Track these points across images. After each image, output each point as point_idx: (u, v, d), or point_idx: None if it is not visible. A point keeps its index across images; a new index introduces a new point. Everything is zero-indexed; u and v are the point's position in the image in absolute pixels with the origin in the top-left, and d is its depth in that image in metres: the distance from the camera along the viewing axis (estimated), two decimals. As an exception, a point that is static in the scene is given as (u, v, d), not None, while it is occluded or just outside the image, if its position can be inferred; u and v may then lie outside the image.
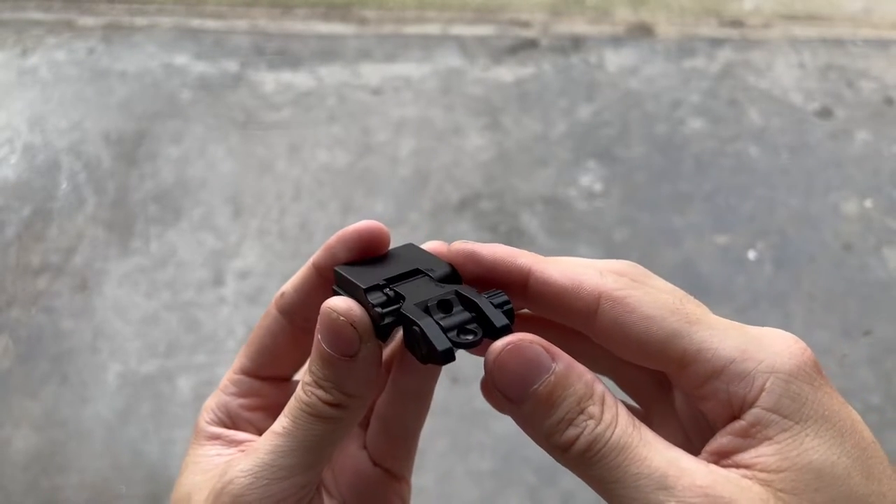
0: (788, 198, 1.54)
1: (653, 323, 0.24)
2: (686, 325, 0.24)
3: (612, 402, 0.24)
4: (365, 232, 0.29)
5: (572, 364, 0.24)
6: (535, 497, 1.16)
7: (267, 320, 0.32)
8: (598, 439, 0.23)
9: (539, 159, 1.63)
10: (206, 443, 0.31)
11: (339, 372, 0.26)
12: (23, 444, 1.25)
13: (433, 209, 1.54)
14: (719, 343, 0.23)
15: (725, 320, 0.25)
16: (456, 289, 0.26)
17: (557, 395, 0.23)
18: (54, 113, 1.76)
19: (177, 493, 0.30)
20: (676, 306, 0.24)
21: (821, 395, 0.23)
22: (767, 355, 0.23)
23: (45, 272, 1.47)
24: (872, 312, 1.37)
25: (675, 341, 0.24)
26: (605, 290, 0.25)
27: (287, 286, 0.31)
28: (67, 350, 1.35)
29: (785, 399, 0.22)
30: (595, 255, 1.45)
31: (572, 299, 0.25)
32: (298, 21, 1.98)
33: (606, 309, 0.25)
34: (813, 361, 0.23)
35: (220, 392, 0.32)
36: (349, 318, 0.26)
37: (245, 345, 0.32)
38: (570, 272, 0.26)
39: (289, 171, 1.62)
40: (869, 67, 1.80)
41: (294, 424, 0.27)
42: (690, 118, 1.70)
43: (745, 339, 0.23)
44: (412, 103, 1.75)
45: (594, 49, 1.87)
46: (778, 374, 0.23)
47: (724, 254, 1.45)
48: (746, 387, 0.23)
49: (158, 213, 1.56)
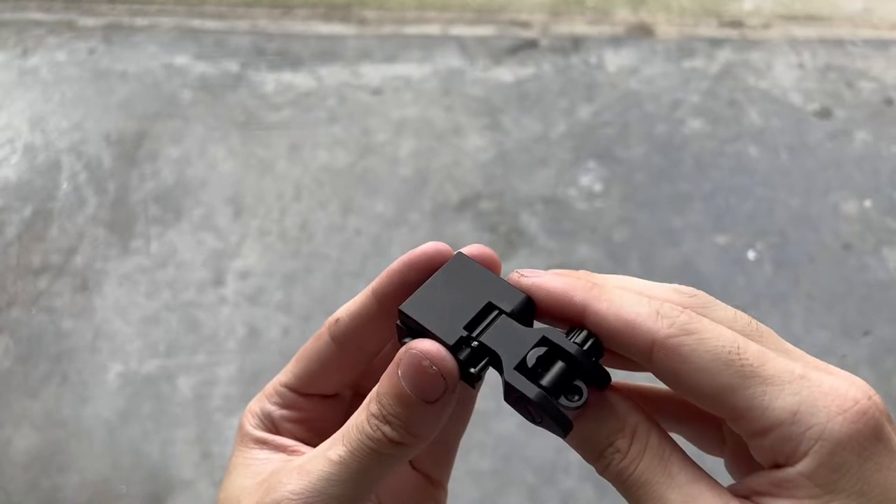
0: (788, 198, 1.54)
1: (705, 376, 0.23)
2: (739, 380, 0.23)
3: (644, 433, 0.25)
4: (434, 254, 0.29)
5: (605, 402, 0.25)
6: (535, 497, 1.16)
7: (318, 343, 0.31)
8: (623, 472, 0.24)
9: (539, 159, 1.63)
10: (253, 446, 0.31)
11: (414, 414, 0.26)
12: (23, 443, 1.25)
13: (433, 209, 1.54)
14: (770, 402, 0.23)
15: (786, 365, 0.23)
16: (544, 334, 0.26)
17: (590, 430, 0.25)
18: (55, 113, 1.76)
19: (225, 493, 0.30)
20: (731, 357, 0.23)
21: (867, 466, 0.22)
22: (819, 420, 0.22)
23: (45, 272, 1.47)
24: (872, 312, 1.37)
25: (727, 396, 0.23)
26: (657, 339, 0.24)
27: (342, 313, 0.30)
28: (68, 350, 1.36)
29: (823, 469, 0.22)
30: (595, 255, 1.46)
31: (627, 343, 0.25)
32: (299, 21, 1.99)
33: (660, 358, 0.24)
34: (871, 427, 0.22)
35: (264, 398, 0.33)
36: (441, 370, 0.25)
37: (293, 360, 0.32)
38: (624, 314, 0.25)
39: (289, 171, 1.62)
40: (869, 68, 1.80)
41: (351, 456, 0.27)
42: (690, 118, 1.70)
43: (799, 398, 0.23)
44: (412, 104, 1.75)
45: (594, 49, 1.87)
46: (825, 441, 0.22)
47: (724, 254, 1.45)
48: (791, 450, 0.22)
49: (159, 213, 1.56)
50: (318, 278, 1.44)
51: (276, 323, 1.38)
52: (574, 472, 1.17)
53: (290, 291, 1.42)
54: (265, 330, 1.37)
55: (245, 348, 1.35)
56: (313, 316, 1.39)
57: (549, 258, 1.45)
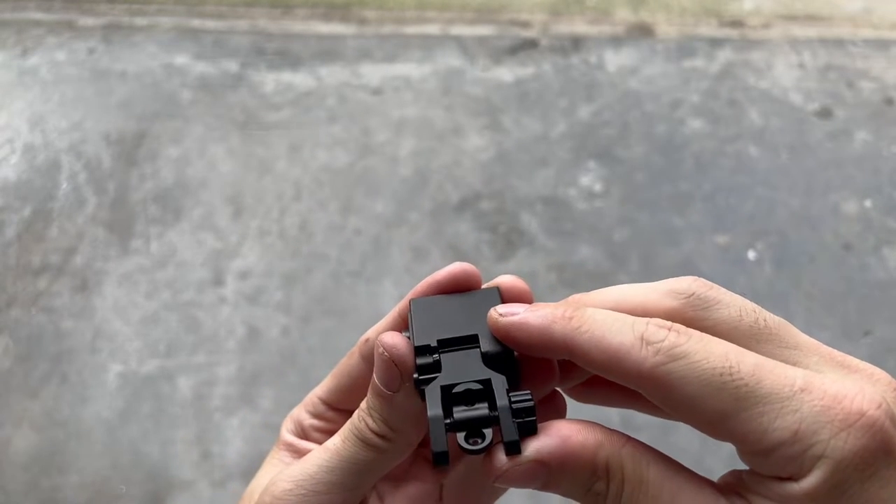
0: (788, 198, 1.54)
1: (698, 402, 0.22)
2: (733, 404, 0.22)
3: (618, 467, 0.24)
4: (460, 275, 0.29)
5: (564, 459, 0.24)
6: (535, 497, 1.16)
7: (350, 361, 0.32)
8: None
9: (539, 159, 1.63)
10: (283, 448, 0.33)
11: (384, 404, 0.27)
12: (23, 444, 1.25)
13: (433, 209, 1.54)
14: (769, 424, 0.22)
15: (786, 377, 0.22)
16: (490, 377, 0.25)
17: (563, 486, 0.24)
18: (54, 113, 1.76)
19: (247, 491, 0.33)
20: (724, 380, 0.22)
21: (871, 483, 0.21)
22: (822, 438, 0.21)
23: (45, 272, 1.47)
24: (872, 312, 1.37)
25: (723, 422, 0.22)
26: (643, 370, 0.23)
27: (371, 333, 0.32)
28: (67, 350, 1.36)
29: (825, 488, 0.21)
30: (595, 255, 1.45)
31: (615, 376, 0.24)
32: (298, 21, 1.98)
33: (649, 388, 0.23)
34: (878, 441, 0.21)
35: (301, 407, 0.35)
36: (393, 357, 0.26)
37: (329, 375, 0.34)
38: (606, 345, 0.24)
39: (289, 171, 1.62)
40: (869, 67, 1.80)
41: (343, 445, 0.28)
42: (690, 118, 1.70)
43: (799, 416, 0.21)
44: (412, 103, 1.75)
45: (594, 49, 1.87)
46: (827, 459, 0.21)
47: (724, 254, 1.45)
48: (794, 469, 0.22)
49: (159, 213, 1.56)
50: (317, 278, 1.44)
51: (276, 323, 1.38)
52: (574, 472, 1.17)
53: (290, 291, 1.42)
54: (265, 330, 1.37)
55: (245, 348, 1.35)
56: (313, 316, 1.39)
57: (549, 258, 1.45)
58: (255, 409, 1.28)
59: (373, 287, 1.42)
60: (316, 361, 1.31)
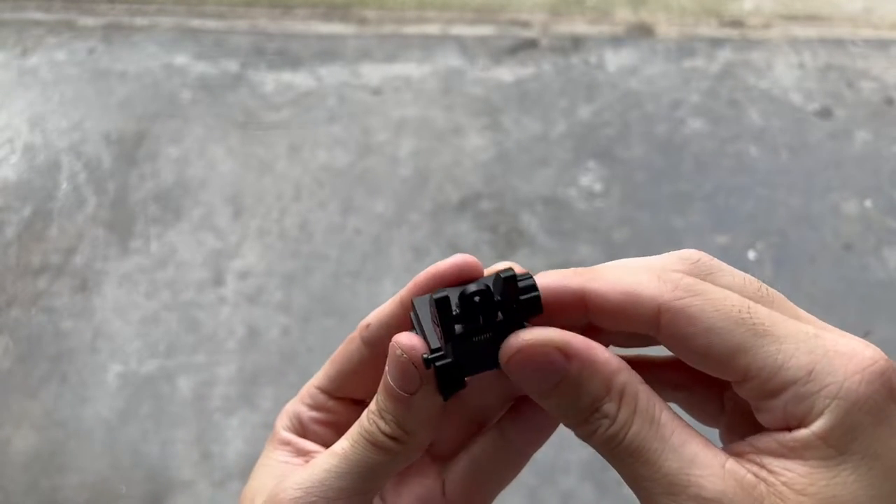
0: (788, 198, 1.54)
1: (715, 336, 0.23)
2: (751, 339, 0.22)
3: (633, 394, 0.23)
4: (462, 266, 0.28)
5: (589, 361, 0.23)
6: (535, 497, 1.16)
7: (350, 346, 0.31)
8: (612, 440, 0.23)
9: (539, 159, 1.63)
10: (278, 447, 0.32)
11: (399, 407, 0.26)
12: (22, 444, 1.25)
13: (433, 209, 1.54)
14: (784, 361, 0.22)
15: (799, 326, 0.23)
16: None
17: (573, 395, 0.24)
18: (54, 113, 1.76)
19: (245, 493, 0.31)
20: (742, 316, 0.23)
21: (882, 428, 0.21)
22: (835, 379, 0.21)
23: (45, 272, 1.47)
24: (872, 312, 1.37)
25: (739, 356, 0.22)
26: (663, 302, 0.23)
27: (372, 318, 0.31)
28: (67, 350, 1.36)
29: (837, 430, 0.21)
30: (595, 255, 1.45)
31: (631, 314, 0.24)
32: (298, 21, 1.98)
33: (667, 321, 0.23)
34: (888, 388, 0.21)
35: (297, 401, 0.33)
36: (412, 358, 0.26)
37: (327, 363, 0.33)
38: (625, 284, 0.24)
39: (289, 171, 1.62)
40: (869, 67, 1.80)
41: (352, 448, 0.27)
42: (690, 118, 1.70)
43: (814, 357, 0.22)
44: (412, 103, 1.75)
45: (594, 49, 1.87)
46: (840, 400, 0.21)
47: (724, 254, 1.45)
48: (806, 409, 0.22)
49: (158, 213, 1.56)
50: (317, 278, 1.44)
51: (276, 323, 1.38)
52: (574, 472, 1.17)
53: (290, 291, 1.42)
54: (265, 330, 1.37)
55: (245, 348, 1.35)
56: (313, 316, 1.39)
57: (549, 258, 1.45)
58: (256, 409, 1.28)
59: (373, 287, 1.42)
60: (316, 361, 1.31)
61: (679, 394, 0.29)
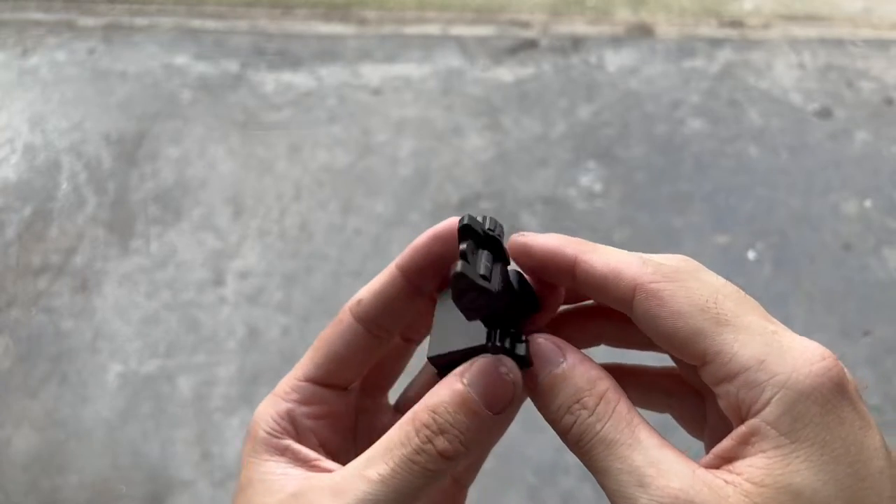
0: (788, 198, 1.54)
1: (680, 319, 0.24)
2: (712, 326, 0.24)
3: (614, 398, 0.25)
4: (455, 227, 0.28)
5: (579, 361, 0.26)
6: (535, 497, 1.16)
7: (339, 327, 0.30)
8: (589, 430, 0.24)
9: (539, 159, 1.63)
10: (269, 458, 0.29)
11: (477, 425, 0.25)
12: (23, 444, 1.25)
13: (433, 209, 1.54)
14: (740, 348, 0.23)
15: (762, 324, 0.24)
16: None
17: (559, 385, 0.26)
18: (55, 113, 1.76)
19: None
20: (708, 305, 0.24)
21: (830, 418, 0.22)
22: (784, 369, 0.23)
23: (45, 272, 1.47)
24: (872, 312, 1.37)
25: (699, 340, 0.24)
26: (640, 282, 0.25)
27: (364, 293, 0.29)
28: (67, 350, 1.36)
29: (786, 417, 0.22)
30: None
31: (612, 287, 0.26)
32: (298, 21, 1.99)
33: (641, 300, 0.25)
34: (835, 382, 0.23)
35: (278, 399, 0.30)
36: (515, 378, 0.26)
37: (310, 351, 0.31)
38: (612, 261, 0.26)
39: (289, 171, 1.62)
40: (869, 68, 1.80)
41: (393, 473, 0.25)
42: (690, 118, 1.70)
43: (767, 349, 0.23)
44: (412, 103, 1.75)
45: (594, 49, 1.87)
46: (788, 389, 0.22)
47: (724, 254, 1.45)
48: (755, 396, 0.23)
49: (159, 213, 1.56)
50: (318, 278, 1.44)
51: (276, 323, 1.38)
52: (574, 472, 1.17)
53: (290, 291, 1.42)
54: (265, 330, 1.37)
55: (245, 348, 1.35)
56: (313, 316, 1.39)
57: (549, 258, 1.44)
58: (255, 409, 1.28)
59: (373, 287, 1.42)
60: (316, 361, 1.31)
61: (671, 400, 0.31)
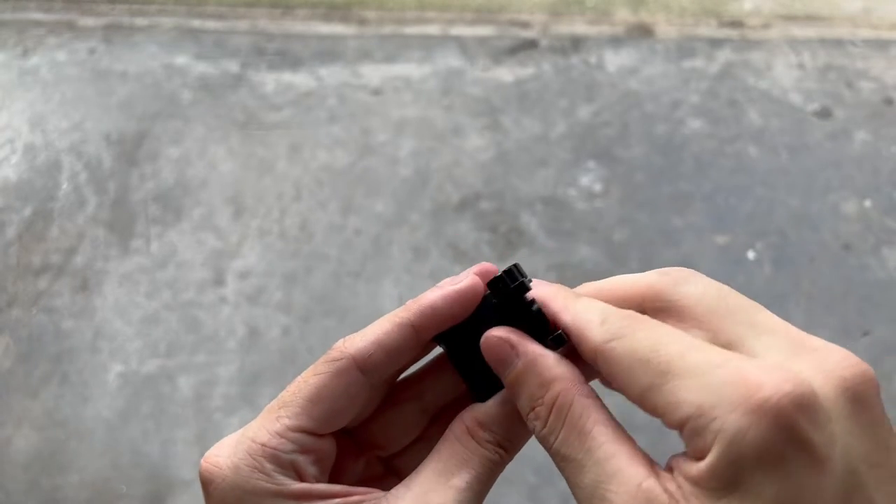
0: (788, 198, 1.54)
1: (629, 377, 0.24)
2: (657, 379, 0.23)
3: (567, 402, 0.25)
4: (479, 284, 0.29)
5: (532, 363, 0.27)
6: (535, 497, 1.16)
7: (344, 379, 0.29)
8: (545, 441, 0.26)
9: (539, 159, 1.63)
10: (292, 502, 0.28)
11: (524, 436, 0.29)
12: (23, 443, 1.25)
13: (433, 209, 1.54)
14: (683, 397, 0.22)
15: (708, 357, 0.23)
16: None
17: (518, 387, 0.27)
18: (55, 113, 1.76)
19: None
20: (650, 357, 0.23)
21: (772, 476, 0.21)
22: (720, 412, 0.21)
23: (45, 272, 1.47)
24: (872, 312, 1.37)
25: (649, 395, 0.23)
26: (596, 344, 0.25)
27: (374, 348, 0.29)
28: (68, 350, 1.36)
29: (721, 464, 0.21)
30: (595, 255, 1.46)
31: (582, 350, 0.26)
32: (299, 21, 1.99)
33: (601, 364, 0.25)
34: (774, 423, 0.21)
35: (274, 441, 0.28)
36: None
37: (304, 399, 0.29)
38: (577, 322, 0.26)
39: (289, 171, 1.63)
40: (868, 68, 1.80)
41: (477, 479, 0.28)
42: (690, 118, 1.70)
43: (706, 392, 0.22)
44: (412, 104, 1.75)
45: (594, 49, 1.87)
46: (723, 435, 0.21)
47: (724, 254, 1.45)
48: (701, 445, 0.22)
49: (159, 213, 1.56)
50: (318, 278, 1.44)
51: (276, 323, 1.38)
52: (574, 471, 1.17)
53: (290, 291, 1.42)
54: (265, 330, 1.37)
55: (245, 348, 1.35)
56: (313, 316, 1.39)
57: (549, 258, 1.45)
58: (256, 409, 1.28)
59: (373, 287, 1.43)
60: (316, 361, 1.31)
61: None
